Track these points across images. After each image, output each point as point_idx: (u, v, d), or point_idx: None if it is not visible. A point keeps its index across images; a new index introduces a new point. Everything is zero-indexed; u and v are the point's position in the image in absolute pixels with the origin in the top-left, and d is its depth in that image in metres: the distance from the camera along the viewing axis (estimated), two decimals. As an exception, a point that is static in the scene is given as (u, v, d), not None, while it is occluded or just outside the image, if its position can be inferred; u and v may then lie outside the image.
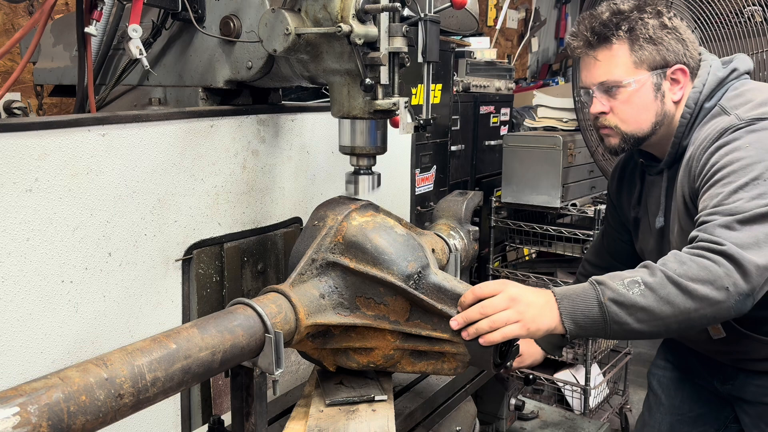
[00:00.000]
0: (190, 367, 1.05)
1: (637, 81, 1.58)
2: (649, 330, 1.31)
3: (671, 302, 1.27)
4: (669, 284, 1.28)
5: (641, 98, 1.59)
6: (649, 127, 1.62)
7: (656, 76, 1.58)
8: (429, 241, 1.62)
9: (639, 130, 1.62)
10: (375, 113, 1.40)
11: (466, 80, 3.87)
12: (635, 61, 1.58)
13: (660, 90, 1.60)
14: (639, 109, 1.60)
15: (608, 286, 1.31)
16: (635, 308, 1.29)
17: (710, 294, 1.27)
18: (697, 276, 1.28)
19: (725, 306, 1.28)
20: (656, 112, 1.61)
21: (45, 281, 1.25)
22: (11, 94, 2.25)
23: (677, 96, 1.61)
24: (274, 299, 1.24)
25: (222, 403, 1.62)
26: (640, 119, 1.61)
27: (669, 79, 1.60)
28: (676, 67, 1.59)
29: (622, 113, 1.61)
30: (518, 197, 3.52)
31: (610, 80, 1.59)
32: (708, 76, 1.59)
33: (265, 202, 1.71)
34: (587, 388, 3.45)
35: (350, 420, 1.30)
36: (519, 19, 6.29)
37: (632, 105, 1.60)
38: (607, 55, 1.59)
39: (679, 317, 1.29)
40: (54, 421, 0.86)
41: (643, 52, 1.57)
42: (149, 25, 1.67)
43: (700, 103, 1.58)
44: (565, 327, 1.31)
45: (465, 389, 1.64)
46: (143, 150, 1.40)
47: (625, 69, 1.58)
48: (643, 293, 1.28)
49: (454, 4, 1.42)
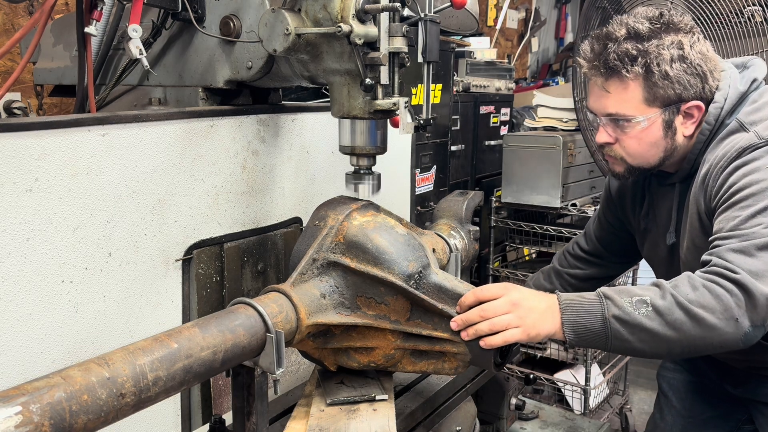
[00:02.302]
0: (191, 366, 1.05)
1: (648, 119, 1.50)
2: (651, 350, 1.30)
3: (678, 328, 1.26)
4: (677, 309, 1.26)
5: (650, 135, 1.52)
6: (656, 161, 1.57)
7: (669, 112, 1.51)
8: (429, 241, 1.62)
9: (645, 163, 1.57)
10: (375, 113, 1.40)
11: (466, 80, 3.87)
12: (647, 98, 1.49)
13: (671, 127, 1.53)
14: (647, 145, 1.54)
15: (615, 302, 1.29)
16: (639, 329, 1.27)
17: (719, 324, 1.25)
18: (708, 304, 1.25)
19: (733, 337, 1.26)
20: (665, 148, 1.55)
21: (45, 281, 1.25)
22: (11, 94, 2.25)
23: (689, 131, 1.54)
24: (275, 299, 1.24)
25: (222, 403, 1.62)
26: (647, 155, 1.56)
27: (682, 113, 1.52)
28: (692, 104, 1.50)
29: (628, 147, 1.55)
30: (518, 197, 3.52)
31: (620, 114, 1.52)
32: (729, 89, 1.51)
33: (265, 202, 1.71)
34: (587, 388, 3.45)
35: (351, 419, 1.30)
36: (519, 19, 6.29)
37: (640, 141, 1.53)
38: (618, 88, 1.50)
39: (684, 342, 1.27)
40: (56, 420, 0.86)
41: (657, 90, 1.48)
42: (149, 25, 1.67)
43: (721, 118, 1.51)
44: (565, 336, 1.31)
45: (465, 389, 1.64)
46: (143, 150, 1.39)
47: (636, 106, 1.50)
48: (649, 315, 1.27)
49: (454, 4, 1.42)
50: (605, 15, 3.05)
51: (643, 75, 1.47)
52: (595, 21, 3.10)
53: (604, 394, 3.77)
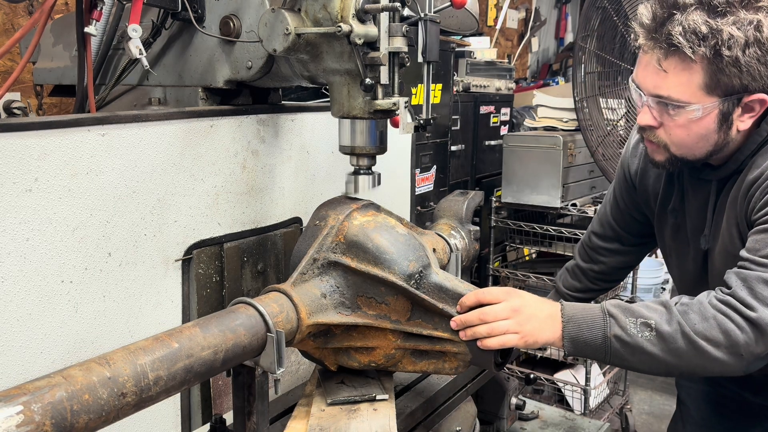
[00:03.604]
0: (192, 366, 1.05)
1: (704, 109, 1.31)
2: (648, 370, 1.31)
3: (679, 356, 1.25)
4: (681, 339, 1.24)
5: (702, 127, 1.34)
6: (703, 155, 1.40)
7: (728, 103, 1.31)
8: (430, 241, 1.62)
9: (690, 155, 1.40)
10: (375, 113, 1.40)
11: (466, 80, 3.87)
12: (709, 85, 1.29)
13: (728, 120, 1.34)
14: (696, 137, 1.36)
15: (619, 322, 1.28)
16: (639, 351, 1.27)
17: (722, 357, 1.24)
18: (715, 338, 1.23)
19: (734, 368, 1.25)
20: (716, 142, 1.37)
21: (45, 281, 1.25)
22: (11, 94, 2.25)
23: (746, 125, 1.35)
24: (275, 299, 1.24)
25: (222, 403, 1.62)
26: (694, 147, 1.38)
27: (742, 105, 1.33)
28: (756, 96, 1.31)
29: (675, 136, 1.37)
30: (518, 197, 3.52)
31: (673, 98, 1.33)
32: None
33: (265, 202, 1.70)
34: (587, 389, 3.45)
35: (352, 419, 1.30)
36: (519, 19, 6.29)
37: (689, 131, 1.35)
38: (677, 68, 1.30)
39: (682, 368, 1.27)
40: (57, 420, 0.86)
41: (722, 78, 1.28)
42: (149, 25, 1.67)
43: None
44: (563, 346, 1.32)
45: (466, 389, 1.64)
46: (143, 150, 1.39)
47: (694, 92, 1.31)
48: (651, 340, 1.26)
49: (454, 4, 1.42)
50: (605, 15, 3.06)
51: (709, 58, 1.26)
52: (595, 21, 3.10)
53: (604, 394, 3.77)
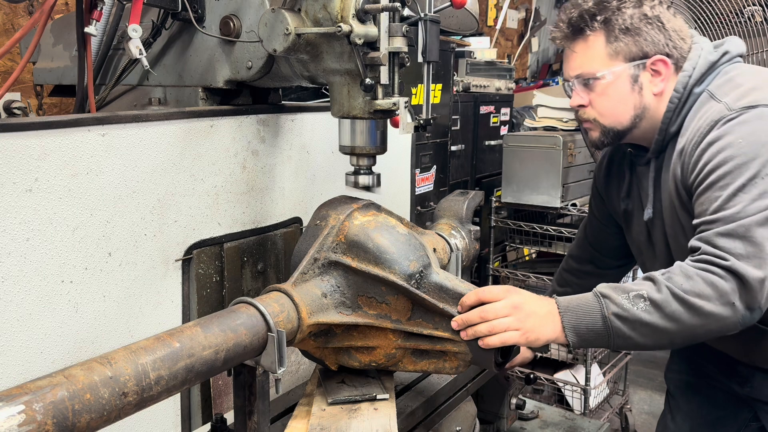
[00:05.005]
0: (193, 365, 1.05)
1: (612, 73, 1.54)
2: (652, 343, 1.31)
3: (677, 319, 1.27)
4: (674, 301, 1.27)
5: (617, 90, 1.55)
6: (629, 121, 1.58)
7: (634, 67, 1.54)
8: (430, 241, 1.62)
9: (618, 123, 1.58)
10: (375, 113, 1.40)
11: (466, 80, 3.87)
12: (610, 53, 1.53)
13: (638, 82, 1.55)
14: (616, 101, 1.56)
15: (613, 300, 1.30)
16: (639, 323, 1.28)
17: (716, 310, 1.26)
18: (704, 292, 1.26)
19: (731, 321, 1.27)
20: (635, 105, 1.56)
21: (45, 281, 1.25)
22: (11, 94, 2.25)
23: (658, 88, 1.55)
24: (276, 298, 1.24)
25: (222, 403, 1.62)
26: (617, 112, 1.57)
27: (649, 70, 1.54)
28: (656, 58, 1.53)
29: (599, 106, 1.58)
30: (518, 197, 3.52)
31: (586, 72, 1.56)
32: (699, 59, 1.53)
33: (265, 202, 1.70)
34: (587, 388, 3.45)
35: (352, 419, 1.30)
36: (519, 19, 6.29)
37: (609, 97, 1.56)
38: (583, 47, 1.57)
39: (684, 333, 1.29)
40: (59, 419, 0.86)
41: (618, 44, 1.52)
42: (149, 25, 1.67)
43: (690, 87, 1.53)
44: (567, 339, 1.32)
45: (466, 388, 1.64)
46: (143, 150, 1.39)
47: (601, 61, 1.55)
48: (647, 309, 1.28)
49: (454, 3, 1.42)
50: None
51: (604, 30, 1.53)
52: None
53: (604, 394, 3.77)
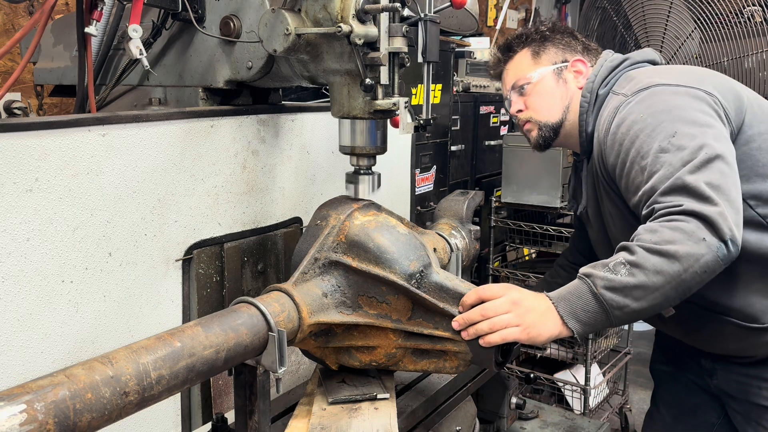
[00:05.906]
0: (194, 365, 1.05)
1: (539, 73, 1.78)
2: (649, 305, 1.32)
3: (659, 271, 1.29)
4: (650, 255, 1.30)
5: (545, 87, 1.77)
6: (560, 113, 1.77)
7: (557, 69, 1.78)
8: (430, 241, 1.62)
9: (550, 117, 1.77)
10: (375, 113, 1.40)
11: (466, 80, 3.87)
12: (536, 60, 1.80)
13: (561, 76, 1.78)
14: (546, 96, 1.77)
15: (597, 275, 1.32)
16: (628, 288, 1.30)
17: (691, 250, 1.29)
18: (673, 238, 1.30)
19: (710, 257, 1.30)
20: (561, 96, 1.77)
21: (45, 281, 1.25)
22: (11, 94, 2.24)
23: (581, 83, 1.77)
24: (277, 298, 1.24)
25: (222, 402, 1.62)
26: (548, 105, 1.77)
27: (571, 71, 1.78)
28: (575, 59, 1.78)
29: (532, 104, 1.79)
30: (518, 197, 3.52)
31: (519, 80, 1.80)
32: (601, 67, 1.74)
33: (265, 202, 1.71)
34: (587, 388, 3.45)
35: (353, 418, 1.30)
36: (519, 19, 6.29)
37: (539, 95, 1.78)
38: (513, 63, 1.84)
39: (673, 283, 1.30)
40: (60, 419, 0.86)
41: (541, 53, 1.80)
42: (149, 25, 1.67)
43: (595, 90, 1.72)
44: (570, 328, 1.32)
45: (466, 388, 1.64)
46: (143, 150, 1.39)
47: (529, 67, 1.80)
48: (630, 272, 1.30)
49: (454, 4, 1.42)
50: (605, 15, 3.06)
51: (528, 46, 1.82)
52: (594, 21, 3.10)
53: (603, 393, 3.77)
